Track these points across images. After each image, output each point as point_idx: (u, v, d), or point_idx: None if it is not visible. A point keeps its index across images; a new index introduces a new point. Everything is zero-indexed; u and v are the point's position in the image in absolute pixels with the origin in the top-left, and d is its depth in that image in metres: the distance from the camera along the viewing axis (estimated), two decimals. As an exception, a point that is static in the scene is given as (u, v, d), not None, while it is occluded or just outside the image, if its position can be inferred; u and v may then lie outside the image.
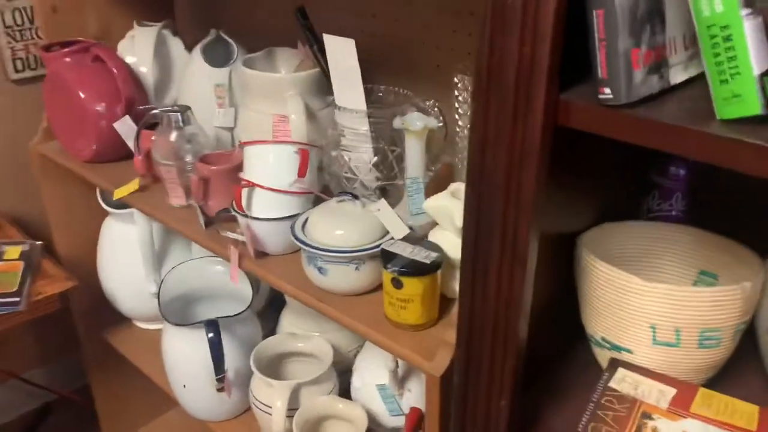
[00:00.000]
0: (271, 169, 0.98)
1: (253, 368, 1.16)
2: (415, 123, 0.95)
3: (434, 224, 1.02)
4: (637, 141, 0.51)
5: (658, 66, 0.53)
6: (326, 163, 1.09)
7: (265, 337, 1.35)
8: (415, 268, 0.82)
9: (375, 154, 1.04)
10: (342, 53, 0.98)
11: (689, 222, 0.81)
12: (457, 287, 0.88)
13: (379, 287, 0.93)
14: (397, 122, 0.97)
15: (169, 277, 1.29)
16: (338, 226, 0.91)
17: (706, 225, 0.80)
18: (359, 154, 1.05)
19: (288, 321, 1.32)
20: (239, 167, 1.10)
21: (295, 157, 0.98)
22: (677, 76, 0.55)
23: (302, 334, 1.24)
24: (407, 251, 0.85)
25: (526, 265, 0.59)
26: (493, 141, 0.57)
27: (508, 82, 0.54)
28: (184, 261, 1.33)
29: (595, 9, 0.49)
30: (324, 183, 1.09)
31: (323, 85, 1.15)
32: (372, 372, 1.16)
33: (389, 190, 1.08)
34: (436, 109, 1.04)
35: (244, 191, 0.98)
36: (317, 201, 1.03)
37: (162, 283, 1.28)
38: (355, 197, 0.94)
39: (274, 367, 1.24)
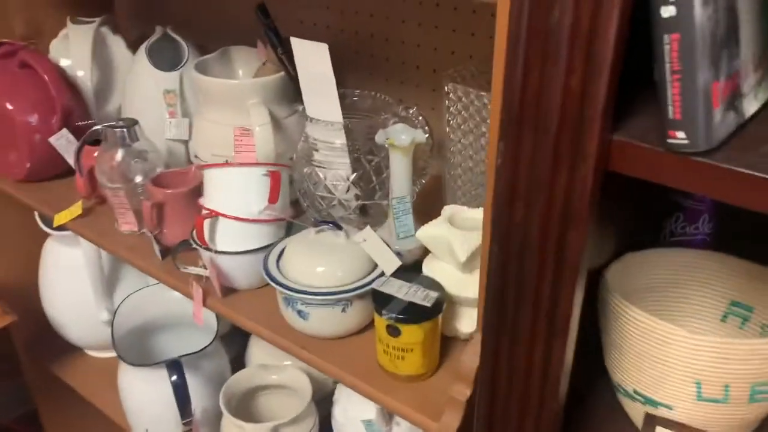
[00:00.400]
0: (236, 196, 0.85)
1: (223, 410, 1.05)
2: (401, 137, 0.84)
3: (423, 248, 0.91)
4: (719, 196, 0.40)
5: (734, 98, 0.42)
6: (296, 179, 0.97)
7: (232, 362, 1.23)
8: (415, 314, 0.71)
9: (353, 170, 0.93)
10: (313, 59, 0.86)
11: (716, 247, 0.72)
12: (459, 326, 0.78)
13: (368, 326, 0.82)
14: (380, 137, 0.85)
15: (122, 307, 1.16)
16: (319, 262, 0.79)
17: (735, 251, 0.71)
18: (335, 171, 0.93)
19: (257, 345, 1.20)
20: (198, 189, 0.97)
21: (265, 181, 0.85)
22: (750, 106, 0.45)
23: (274, 365, 1.13)
24: (402, 291, 0.74)
25: (567, 338, 0.49)
26: (526, 191, 0.46)
27: (549, 120, 0.43)
28: (138, 288, 1.20)
29: (668, 33, 0.38)
30: (293, 198, 0.97)
31: (289, 90, 1.02)
32: (355, 405, 1.05)
33: (369, 209, 0.96)
34: (420, 118, 0.92)
35: (206, 222, 0.85)
36: (290, 225, 0.91)
37: (115, 314, 1.15)
38: (338, 227, 0.82)
39: (246, 404, 1.12)
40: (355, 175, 0.92)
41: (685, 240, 0.75)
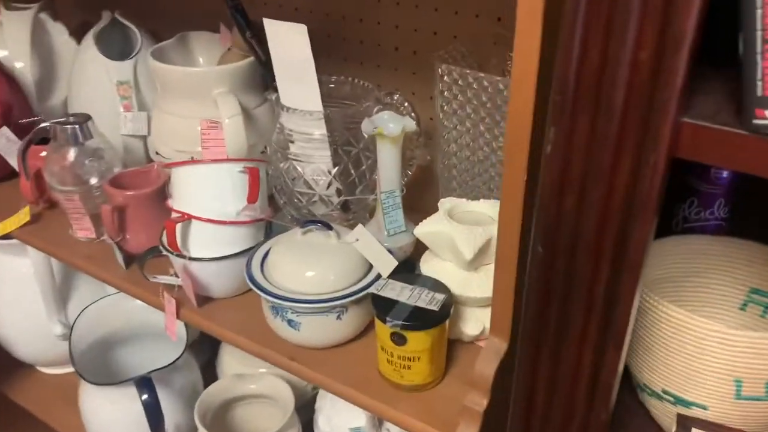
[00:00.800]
0: (211, 196, 0.77)
1: (199, 425, 0.97)
2: (389, 126, 0.77)
3: (415, 244, 0.85)
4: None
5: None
6: (272, 174, 0.89)
7: (203, 370, 1.14)
8: (421, 319, 0.65)
9: (335, 163, 0.85)
10: (289, 42, 0.78)
11: (733, 233, 0.68)
12: (464, 328, 0.73)
13: (365, 331, 0.76)
14: (366, 126, 0.78)
15: (80, 321, 1.06)
16: (309, 265, 0.72)
17: (751, 236, 0.67)
18: (315, 165, 0.85)
19: (229, 353, 1.12)
20: (163, 189, 0.88)
21: (242, 178, 0.77)
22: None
23: (250, 374, 1.05)
24: (405, 295, 0.67)
25: (624, 343, 0.44)
26: (580, 182, 0.40)
27: (613, 102, 0.37)
28: (96, 299, 1.10)
29: (761, -5, 0.33)
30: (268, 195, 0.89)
31: (258, 77, 0.94)
32: (341, 413, 0.99)
33: (350, 204, 0.89)
34: (406, 104, 0.85)
35: (178, 226, 0.76)
36: (269, 226, 0.84)
37: (72, 329, 1.05)
38: (327, 226, 0.75)
39: (222, 417, 1.04)
40: (337, 168, 0.85)
41: (699, 226, 0.71)
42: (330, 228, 0.74)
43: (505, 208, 0.57)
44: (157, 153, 0.96)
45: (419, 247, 0.86)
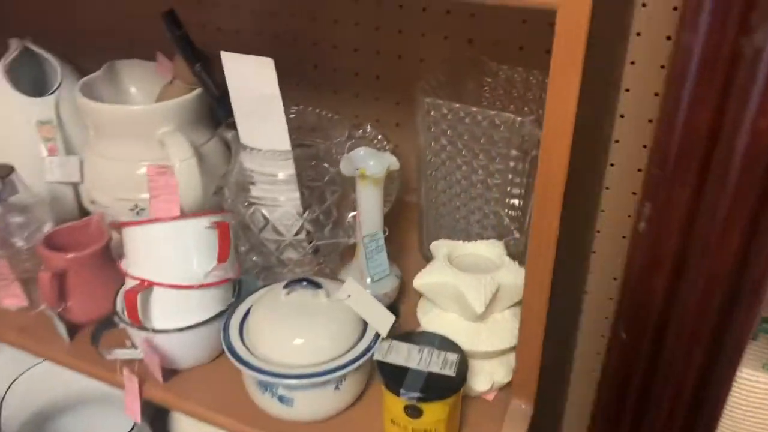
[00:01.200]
0: (175, 258, 0.67)
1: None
2: (370, 165, 0.70)
3: (398, 289, 0.79)
4: None
5: None
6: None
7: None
8: (438, 388, 0.58)
9: (304, 205, 0.77)
10: (253, 78, 0.69)
11: None
12: (474, 384, 0.66)
13: (363, 395, 0.68)
14: (347, 167, 0.71)
15: (9, 396, 0.92)
16: (298, 332, 0.64)
17: None
18: (284, 208, 0.77)
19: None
20: (108, 245, 0.77)
21: (209, 235, 0.68)
22: None
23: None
24: (414, 359, 0.61)
25: (715, 428, 0.39)
26: (676, 260, 0.35)
27: (725, 173, 0.32)
28: (25, 369, 0.96)
29: None
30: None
31: (204, 110, 0.85)
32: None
33: (321, 247, 0.82)
34: (380, 136, 0.78)
35: (138, 296, 0.66)
36: (238, 284, 0.75)
37: (1, 406, 0.91)
38: (314, 284, 0.67)
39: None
40: (308, 212, 0.77)
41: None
42: (318, 286, 0.66)
43: (533, 268, 0.52)
44: (93, 202, 0.84)
45: (402, 292, 0.80)
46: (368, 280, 0.76)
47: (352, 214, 0.82)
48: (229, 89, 0.72)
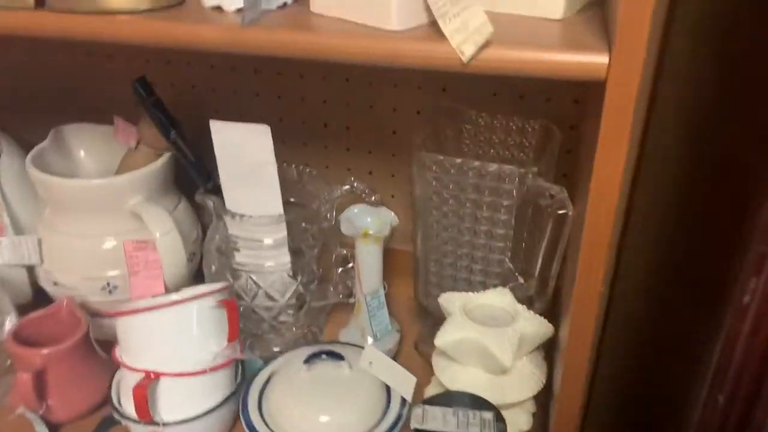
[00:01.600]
0: (181, 344, 0.63)
1: None
2: (371, 223, 0.69)
3: (399, 343, 0.78)
4: None
5: None
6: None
7: None
8: (486, 452, 0.58)
9: (295, 268, 0.75)
10: (246, 145, 0.66)
11: None
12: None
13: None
14: (348, 228, 0.70)
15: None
16: (321, 408, 0.62)
17: None
18: (275, 273, 0.74)
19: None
20: (87, 334, 0.71)
21: (215, 314, 0.64)
22: None
23: None
24: (451, 423, 0.60)
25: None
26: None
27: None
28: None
29: None
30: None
31: (172, 174, 0.80)
32: None
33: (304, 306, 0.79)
34: (367, 191, 0.77)
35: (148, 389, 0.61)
36: (240, 362, 0.71)
37: None
38: (338, 357, 0.64)
39: None
40: (300, 277, 0.75)
41: None
42: (340, 357, 0.64)
43: (576, 327, 0.53)
44: (56, 284, 0.77)
45: (403, 345, 0.79)
46: (370, 339, 0.75)
47: (341, 269, 0.80)
48: (217, 157, 0.68)
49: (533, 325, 0.65)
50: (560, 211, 0.62)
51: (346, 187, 0.76)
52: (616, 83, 0.44)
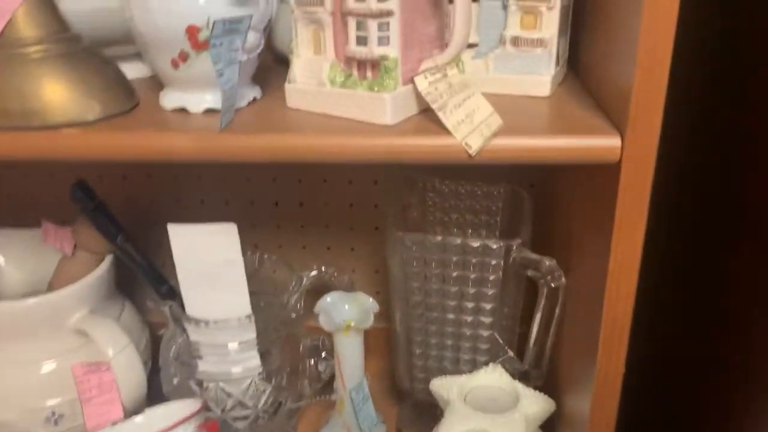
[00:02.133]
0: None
1: None
2: (345, 309, 0.64)
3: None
4: None
5: None
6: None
7: None
8: None
9: (267, 366, 0.69)
10: (208, 246, 0.60)
11: None
12: None
13: None
14: (329, 323, 0.64)
15: None
16: None
17: None
18: (247, 379, 0.67)
19: None
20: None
21: (195, 443, 0.57)
22: None
23: None
24: None
25: None
26: None
27: None
28: None
29: None
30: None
31: (113, 279, 0.72)
32: None
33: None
34: (337, 275, 0.72)
35: None
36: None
37: None
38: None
39: None
40: (274, 379, 0.69)
41: None
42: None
43: (599, 408, 0.51)
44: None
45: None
46: (359, 432, 0.70)
47: (313, 360, 0.75)
48: (175, 261, 0.62)
49: (537, 404, 0.62)
50: (554, 284, 0.60)
51: (314, 273, 0.71)
52: (631, 164, 0.43)
